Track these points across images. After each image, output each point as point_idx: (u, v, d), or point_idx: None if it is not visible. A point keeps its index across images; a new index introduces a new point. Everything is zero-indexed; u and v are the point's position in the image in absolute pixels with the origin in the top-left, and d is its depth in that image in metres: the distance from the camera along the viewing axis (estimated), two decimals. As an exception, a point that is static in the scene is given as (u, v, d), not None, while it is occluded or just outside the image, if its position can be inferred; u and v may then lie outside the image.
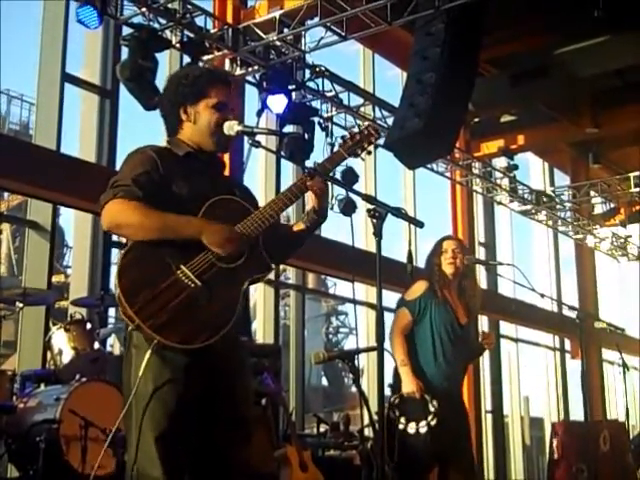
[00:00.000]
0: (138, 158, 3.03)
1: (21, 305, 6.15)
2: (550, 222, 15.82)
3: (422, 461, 4.71)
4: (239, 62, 9.20)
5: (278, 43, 9.06)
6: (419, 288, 4.89)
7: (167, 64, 9.54)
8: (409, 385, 4.69)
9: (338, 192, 10.09)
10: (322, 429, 8.72)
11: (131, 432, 2.85)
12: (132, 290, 2.80)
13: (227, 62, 9.27)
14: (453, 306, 4.92)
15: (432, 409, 4.62)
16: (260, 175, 11.56)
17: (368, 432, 7.70)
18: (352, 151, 3.20)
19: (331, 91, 10.22)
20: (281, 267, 12.62)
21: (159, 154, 3.03)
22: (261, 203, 3.27)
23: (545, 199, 14.98)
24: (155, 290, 2.80)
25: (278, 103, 8.94)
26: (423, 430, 4.60)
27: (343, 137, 3.27)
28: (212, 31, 8.75)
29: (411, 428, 4.66)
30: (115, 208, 2.87)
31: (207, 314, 2.86)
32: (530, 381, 18.21)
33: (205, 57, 8.77)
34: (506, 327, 16.42)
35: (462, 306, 4.97)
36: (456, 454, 4.75)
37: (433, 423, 4.58)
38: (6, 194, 18.25)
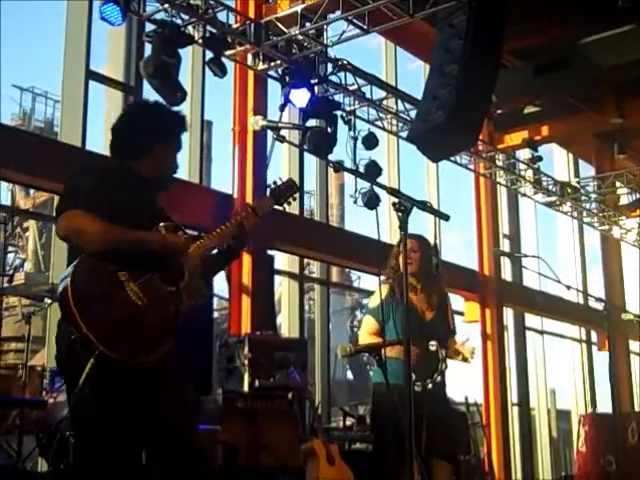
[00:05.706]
0: (91, 172, 3.20)
1: (49, 301, 6.19)
2: (575, 213, 15.69)
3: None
4: (261, 57, 9.21)
5: (300, 37, 9.05)
6: (381, 293, 4.99)
7: (190, 60, 9.58)
8: None
9: (362, 185, 10.07)
10: (348, 422, 8.73)
11: (79, 435, 3.04)
12: (83, 300, 2.87)
13: (249, 57, 9.29)
14: (417, 304, 5.06)
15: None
16: (284, 169, 11.59)
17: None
18: (279, 201, 3.48)
19: (353, 84, 10.19)
20: (305, 261, 12.61)
21: (110, 171, 3.21)
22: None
23: (570, 190, 14.86)
24: (105, 304, 2.91)
25: (301, 97, 8.93)
26: None
27: (270, 185, 3.51)
28: (234, 26, 8.75)
29: None
30: (76, 217, 2.97)
31: (149, 332, 2.99)
32: (557, 373, 18.14)
33: (228, 52, 8.79)
34: (532, 319, 16.35)
35: (427, 302, 5.12)
36: (434, 442, 4.76)
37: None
38: (32, 191, 18.40)
